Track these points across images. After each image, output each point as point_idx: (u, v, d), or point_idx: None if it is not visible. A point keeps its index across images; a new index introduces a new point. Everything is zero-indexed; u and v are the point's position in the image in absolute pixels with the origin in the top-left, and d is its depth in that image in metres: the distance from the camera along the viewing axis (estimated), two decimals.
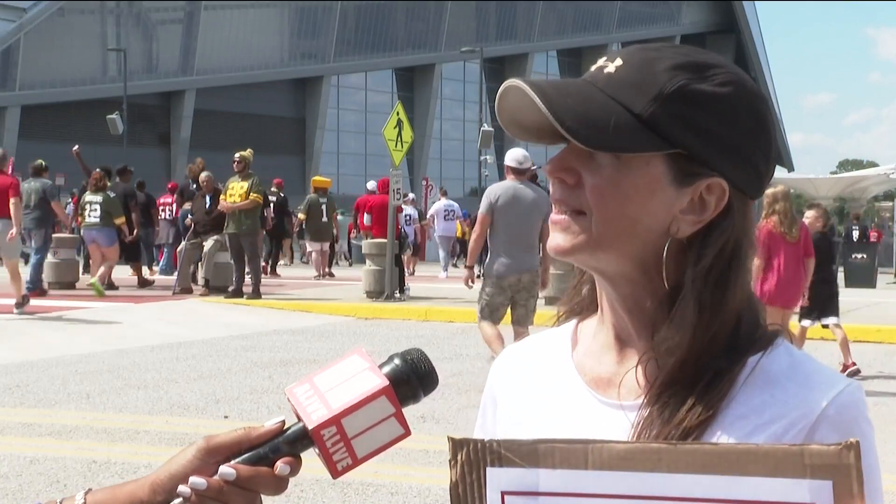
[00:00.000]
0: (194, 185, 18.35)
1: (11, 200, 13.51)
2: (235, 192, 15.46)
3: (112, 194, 17.11)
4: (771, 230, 8.92)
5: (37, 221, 15.67)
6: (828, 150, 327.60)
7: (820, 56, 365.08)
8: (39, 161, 16.28)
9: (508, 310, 9.05)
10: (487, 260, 9.10)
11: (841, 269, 24.28)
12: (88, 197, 16.84)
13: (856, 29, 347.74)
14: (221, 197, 15.94)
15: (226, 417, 7.70)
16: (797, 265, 9.04)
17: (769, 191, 9.14)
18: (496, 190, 8.98)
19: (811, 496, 0.91)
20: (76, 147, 18.44)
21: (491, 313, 8.86)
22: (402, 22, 61.89)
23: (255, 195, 15.47)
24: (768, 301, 8.76)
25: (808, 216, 10.18)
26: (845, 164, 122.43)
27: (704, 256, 1.15)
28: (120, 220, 16.92)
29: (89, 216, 16.68)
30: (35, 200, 15.61)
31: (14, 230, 13.45)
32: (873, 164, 67.70)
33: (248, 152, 15.92)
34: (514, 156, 9.09)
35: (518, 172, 9.02)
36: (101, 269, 16.63)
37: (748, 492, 0.93)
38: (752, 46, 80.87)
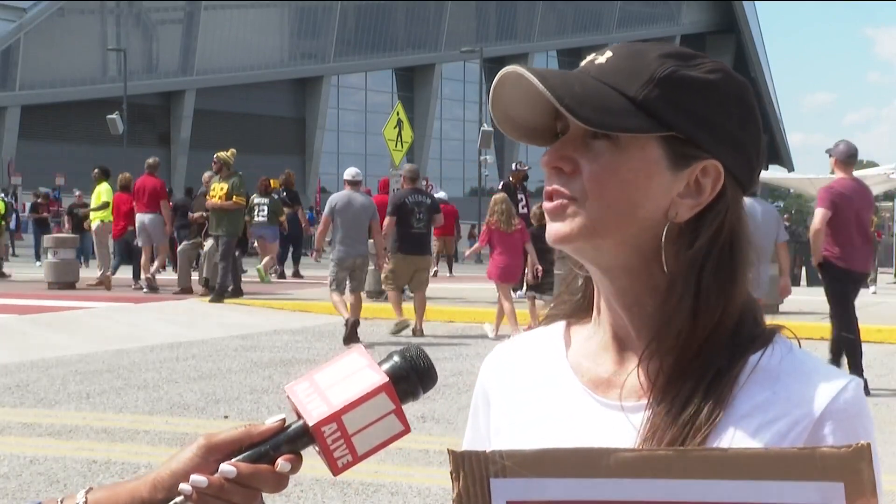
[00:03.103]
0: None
1: (161, 202, 17.09)
2: (216, 193, 15.32)
3: (276, 196, 19.33)
4: (491, 226, 12.22)
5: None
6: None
7: (820, 56, 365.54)
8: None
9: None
10: (332, 248, 12.12)
11: None
12: (257, 199, 18.58)
13: (855, 29, 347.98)
14: (207, 198, 15.86)
15: (226, 417, 7.70)
16: (517, 251, 12.24)
17: (495, 195, 12.85)
18: (335, 198, 12.15)
19: (822, 498, 0.91)
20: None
21: (337, 285, 11.93)
22: (402, 22, 61.94)
23: (238, 197, 15.36)
24: (496, 279, 12.14)
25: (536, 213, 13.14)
26: None
27: (699, 238, 1.15)
28: (282, 218, 19.30)
29: (258, 216, 18.48)
30: None
31: (168, 226, 17.29)
32: (873, 164, 67.57)
33: (225, 153, 15.48)
34: (350, 172, 12.44)
35: (353, 184, 12.24)
36: (266, 259, 19.06)
37: (759, 495, 0.92)
38: (752, 46, 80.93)
